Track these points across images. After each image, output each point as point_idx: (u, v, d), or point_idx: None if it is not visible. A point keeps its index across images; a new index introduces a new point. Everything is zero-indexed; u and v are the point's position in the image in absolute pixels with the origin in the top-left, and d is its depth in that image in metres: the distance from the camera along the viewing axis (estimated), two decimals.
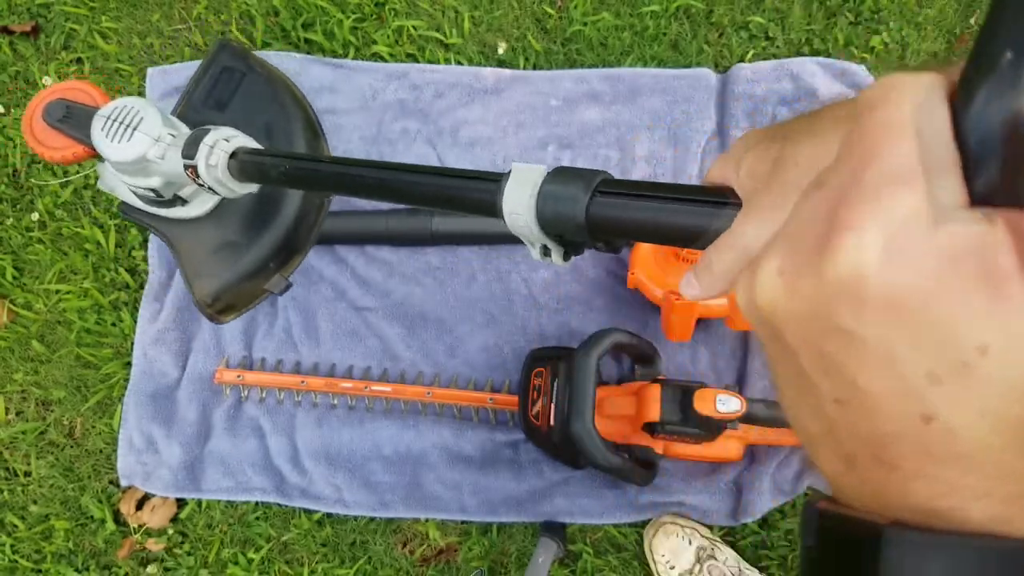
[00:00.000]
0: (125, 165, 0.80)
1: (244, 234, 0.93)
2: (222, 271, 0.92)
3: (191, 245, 0.92)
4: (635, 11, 1.41)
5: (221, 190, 0.75)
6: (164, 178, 0.84)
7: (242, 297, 0.94)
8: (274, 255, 0.94)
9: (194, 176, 0.74)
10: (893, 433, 0.21)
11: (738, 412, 1.00)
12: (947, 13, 1.40)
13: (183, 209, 0.91)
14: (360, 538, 1.22)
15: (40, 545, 1.23)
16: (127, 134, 0.79)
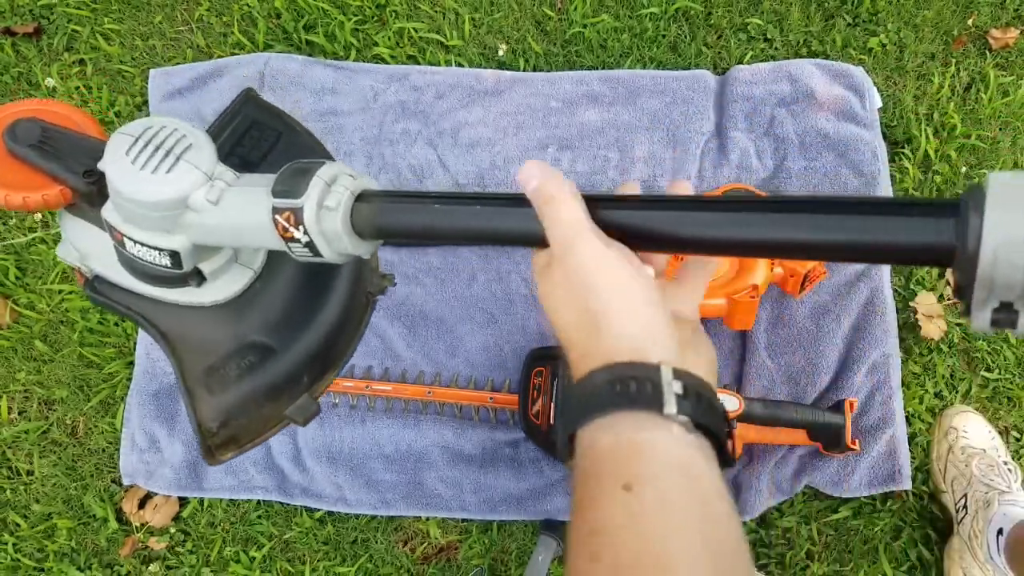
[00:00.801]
0: (152, 209, 0.55)
1: (274, 333, 0.65)
2: (239, 384, 0.63)
3: (197, 343, 0.63)
4: (634, 13, 1.41)
5: (326, 251, 0.51)
6: (196, 238, 0.57)
7: (255, 424, 0.65)
8: (309, 365, 0.67)
9: (286, 229, 0.50)
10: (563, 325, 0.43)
11: (736, 411, 1.01)
12: (945, 14, 1.41)
13: (196, 291, 0.62)
14: (361, 536, 1.23)
15: (43, 544, 1.24)
16: (167, 163, 0.54)
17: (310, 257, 0.52)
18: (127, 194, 0.54)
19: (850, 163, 1.29)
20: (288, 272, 0.66)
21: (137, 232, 0.57)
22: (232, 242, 0.59)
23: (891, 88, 1.38)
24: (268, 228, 0.52)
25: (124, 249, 0.59)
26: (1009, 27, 1.40)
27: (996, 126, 1.35)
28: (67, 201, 0.61)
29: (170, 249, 0.57)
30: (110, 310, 0.65)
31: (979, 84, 1.37)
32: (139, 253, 0.58)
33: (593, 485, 0.36)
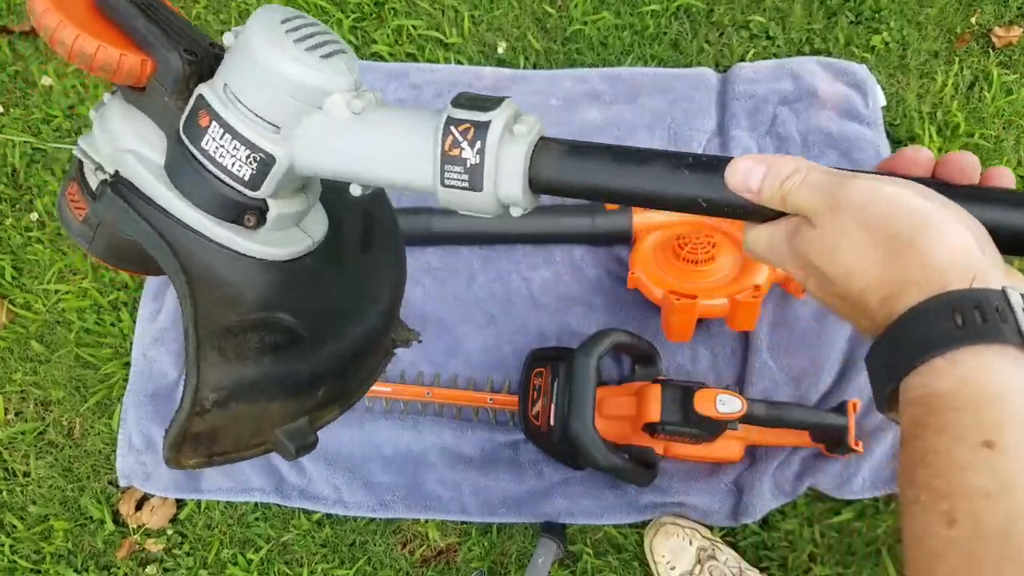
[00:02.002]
0: (288, 90, 0.46)
1: (308, 322, 0.54)
2: (257, 360, 0.52)
3: (222, 294, 0.51)
4: (635, 10, 1.40)
5: (488, 185, 0.45)
6: (306, 154, 0.48)
7: (245, 425, 0.53)
8: (328, 378, 0.56)
9: (457, 144, 0.44)
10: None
11: (739, 413, 1.00)
12: (948, 12, 1.40)
13: (245, 234, 0.51)
14: (360, 539, 1.22)
15: (39, 545, 1.23)
16: (324, 50, 0.47)
17: (458, 189, 0.45)
18: (272, 61, 0.45)
19: (853, 162, 1.28)
20: (338, 266, 0.58)
21: (237, 119, 0.46)
22: (350, 167, 0.48)
23: (894, 86, 1.37)
24: (423, 146, 0.45)
25: (198, 145, 0.47)
26: (1013, 25, 1.39)
27: (1000, 125, 1.34)
28: (144, 78, 0.49)
29: (267, 154, 0.47)
30: (125, 223, 0.50)
31: (982, 82, 1.36)
32: (219, 150, 0.47)
33: (938, 440, 0.31)
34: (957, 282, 0.32)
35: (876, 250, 0.35)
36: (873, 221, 0.35)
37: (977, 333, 0.31)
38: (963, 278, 0.32)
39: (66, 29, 0.45)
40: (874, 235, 0.35)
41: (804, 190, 0.38)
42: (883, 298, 0.35)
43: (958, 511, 0.30)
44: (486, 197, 0.45)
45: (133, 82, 0.49)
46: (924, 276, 0.33)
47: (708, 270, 1.12)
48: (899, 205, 0.35)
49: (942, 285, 0.33)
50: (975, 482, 0.30)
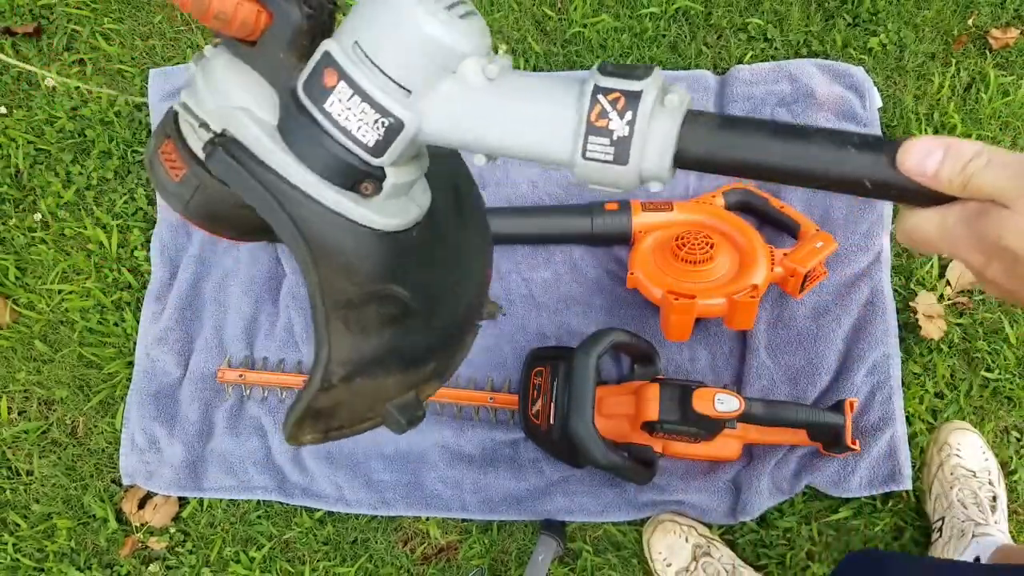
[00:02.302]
0: (424, 48, 0.43)
1: (419, 295, 0.53)
2: (379, 333, 0.51)
3: (341, 266, 0.49)
4: (634, 13, 1.41)
5: (635, 158, 0.42)
6: (435, 121, 0.46)
7: (362, 401, 0.53)
8: (437, 351, 0.57)
9: (604, 115, 0.42)
10: None
11: (737, 411, 1.01)
12: (945, 14, 1.41)
13: (360, 202, 0.48)
14: (361, 536, 1.22)
15: (43, 544, 1.24)
16: (462, 9, 0.44)
17: (601, 163, 0.42)
18: (410, 15, 0.42)
19: None
20: (440, 239, 0.56)
21: (367, 80, 0.43)
22: (481, 135, 0.45)
23: (891, 88, 1.38)
24: (564, 115, 0.42)
25: (320, 106, 0.45)
26: (1009, 27, 1.40)
27: (996, 126, 1.35)
28: (258, 30, 0.46)
29: (396, 118, 0.44)
30: (239, 186, 0.46)
31: (979, 84, 1.37)
32: (344, 113, 0.44)
33: None
34: None
35: None
36: None
37: None
38: None
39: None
40: None
41: (991, 172, 0.36)
42: None
43: None
44: (629, 171, 0.42)
45: (246, 34, 0.46)
46: None
47: (706, 270, 1.13)
48: None
49: None
50: None
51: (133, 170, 1.38)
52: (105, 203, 1.37)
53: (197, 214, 0.51)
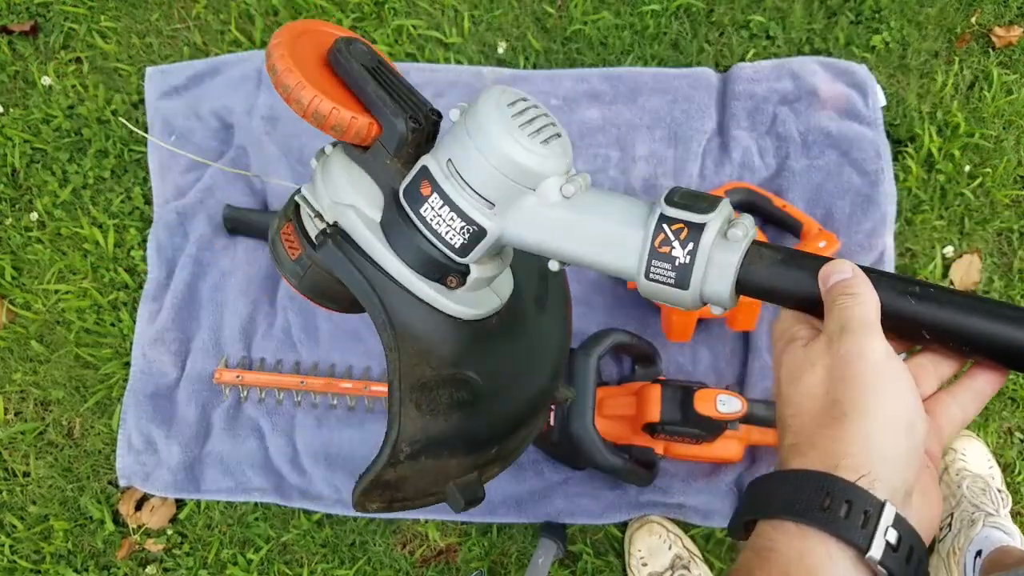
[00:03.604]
0: (507, 171, 0.48)
1: (491, 380, 0.57)
2: (447, 416, 0.55)
3: (420, 350, 0.53)
4: (635, 10, 1.40)
5: (695, 284, 0.45)
6: (517, 230, 0.50)
7: (426, 477, 0.57)
8: (502, 435, 0.60)
9: (668, 242, 0.45)
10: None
11: (739, 413, 1.00)
12: (948, 12, 1.39)
13: (444, 293, 0.53)
14: (360, 538, 1.22)
15: (39, 545, 1.23)
16: (544, 134, 0.49)
17: (662, 285, 0.46)
18: (498, 144, 0.47)
19: (853, 162, 1.28)
20: (518, 325, 0.60)
21: (456, 193, 0.49)
22: (556, 246, 0.50)
23: (894, 86, 1.36)
24: (632, 237, 0.46)
25: (416, 211, 0.50)
26: (1013, 25, 1.39)
27: (1000, 125, 1.34)
28: (369, 139, 0.52)
29: (480, 227, 0.49)
30: (342, 273, 0.53)
31: (983, 82, 1.36)
32: (436, 219, 0.50)
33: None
34: (847, 470, 0.35)
35: (820, 404, 0.38)
36: (838, 382, 0.38)
37: (834, 523, 0.34)
38: (854, 471, 0.35)
39: (304, 90, 0.49)
40: (828, 390, 0.38)
41: (844, 317, 0.39)
42: (792, 445, 0.38)
43: None
44: (689, 295, 0.46)
45: (359, 141, 0.52)
46: (828, 448, 0.36)
47: None
48: (864, 379, 0.37)
49: (834, 465, 0.35)
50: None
51: (130, 169, 1.38)
52: (102, 202, 1.36)
53: (307, 288, 0.58)
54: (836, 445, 0.36)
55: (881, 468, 0.35)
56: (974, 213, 1.30)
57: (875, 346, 0.38)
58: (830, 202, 1.26)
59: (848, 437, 0.36)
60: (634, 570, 1.13)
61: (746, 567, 0.36)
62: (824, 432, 0.37)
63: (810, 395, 0.38)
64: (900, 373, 0.38)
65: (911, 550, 0.34)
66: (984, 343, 0.40)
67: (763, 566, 0.35)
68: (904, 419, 0.37)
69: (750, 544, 0.36)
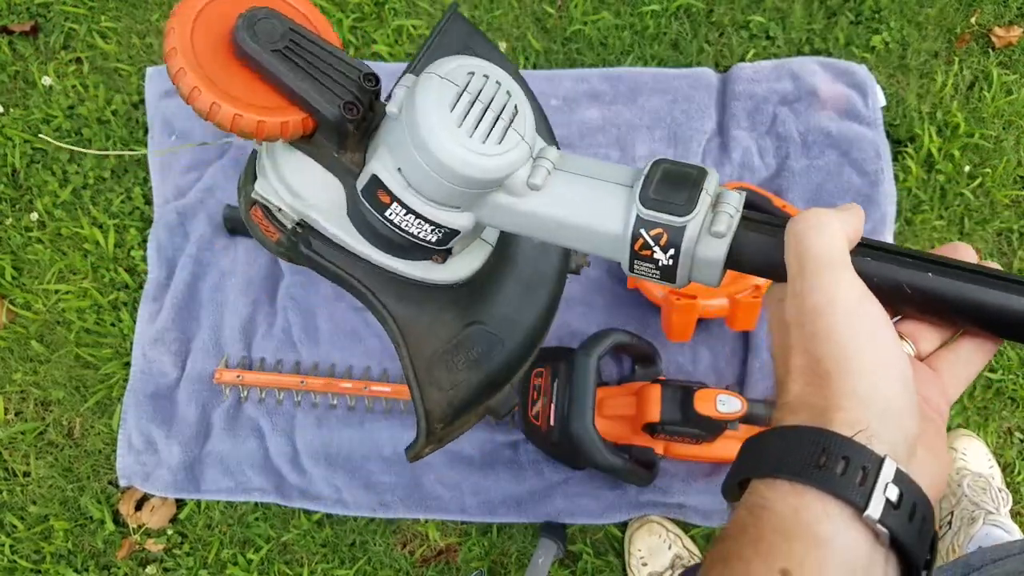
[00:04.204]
0: (466, 185, 0.44)
1: (503, 321, 0.57)
2: (468, 378, 0.55)
3: (425, 327, 0.52)
4: (635, 10, 1.40)
5: (682, 278, 0.42)
6: (492, 221, 0.47)
7: (463, 426, 0.59)
8: (527, 356, 0.61)
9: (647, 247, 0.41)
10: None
11: (739, 413, 1.00)
12: (948, 12, 1.40)
13: (433, 267, 0.51)
14: (360, 538, 1.22)
15: (39, 545, 1.23)
16: (498, 130, 0.43)
17: (648, 277, 0.43)
18: (446, 162, 0.42)
19: (853, 162, 1.28)
20: (516, 250, 0.58)
21: (418, 202, 0.45)
22: (540, 235, 0.46)
23: (894, 86, 1.37)
24: (615, 237, 0.42)
25: (378, 212, 0.47)
26: (1012, 25, 1.39)
27: (999, 125, 1.34)
28: (305, 133, 0.46)
29: (451, 228, 0.46)
30: (322, 273, 0.51)
31: (982, 83, 1.36)
32: (403, 223, 0.46)
33: (749, 549, 0.33)
34: (841, 426, 0.33)
35: (801, 361, 0.36)
36: (811, 338, 0.35)
37: (829, 481, 0.32)
38: (849, 426, 0.33)
39: (200, 96, 0.42)
40: (805, 347, 0.35)
41: (800, 254, 0.36)
42: (784, 403, 0.36)
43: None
44: (678, 286, 0.43)
45: (296, 137, 0.47)
46: (820, 406, 0.34)
47: None
48: (839, 333, 0.35)
49: (827, 421, 0.33)
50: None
51: (130, 169, 1.38)
52: (102, 202, 1.36)
53: (303, 263, 0.54)
54: (828, 402, 0.34)
55: (878, 423, 0.33)
56: (974, 213, 1.30)
57: (843, 289, 0.35)
58: (830, 202, 1.26)
59: (839, 393, 0.34)
60: (634, 570, 1.13)
61: (739, 525, 0.34)
62: (814, 390, 0.35)
63: (790, 352, 0.36)
64: (874, 317, 0.35)
65: (914, 507, 0.32)
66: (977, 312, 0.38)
67: (756, 524, 0.33)
68: (894, 368, 0.35)
69: (743, 502, 0.35)
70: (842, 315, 0.35)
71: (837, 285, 0.35)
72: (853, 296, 0.35)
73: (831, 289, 0.35)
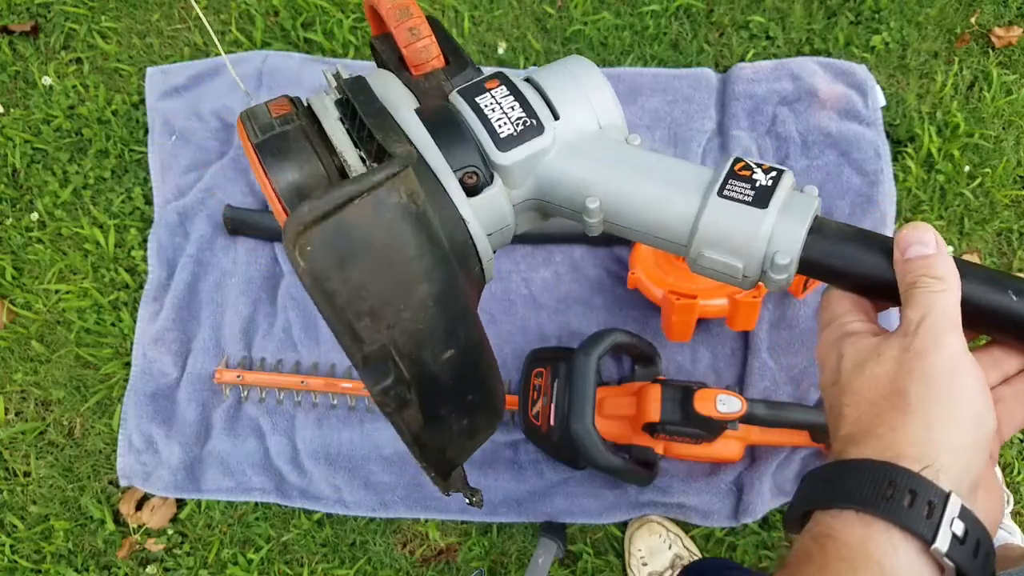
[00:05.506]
0: (594, 95, 0.46)
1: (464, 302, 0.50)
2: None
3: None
4: (635, 11, 1.40)
5: (754, 229, 0.40)
6: (556, 155, 0.46)
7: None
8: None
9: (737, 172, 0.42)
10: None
11: (739, 412, 1.00)
12: (948, 12, 1.40)
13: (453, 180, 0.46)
14: (360, 538, 1.22)
15: (40, 545, 1.23)
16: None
17: (738, 199, 0.41)
18: (587, 66, 0.47)
19: (852, 162, 1.28)
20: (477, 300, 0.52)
21: (529, 93, 0.47)
22: (608, 179, 0.45)
23: (894, 86, 1.37)
24: (701, 173, 0.43)
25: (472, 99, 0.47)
26: (1012, 25, 1.39)
27: (999, 125, 1.34)
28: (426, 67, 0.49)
29: (539, 122, 0.46)
30: (363, 105, 0.46)
31: (982, 83, 1.36)
32: (491, 105, 0.46)
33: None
34: (910, 460, 0.34)
35: (881, 394, 0.36)
36: (905, 373, 0.36)
37: (897, 512, 0.33)
38: (918, 460, 0.34)
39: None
40: (894, 381, 0.36)
41: (926, 310, 0.37)
42: (848, 435, 0.37)
43: None
44: (765, 219, 0.40)
45: (418, 61, 0.48)
46: (890, 437, 0.35)
47: None
48: (935, 375, 0.35)
49: (896, 455, 0.34)
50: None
51: (130, 169, 1.38)
52: (102, 202, 1.36)
53: (268, 151, 0.46)
54: (896, 434, 0.35)
55: (946, 459, 0.34)
56: (973, 213, 1.30)
57: (953, 341, 0.36)
58: (830, 202, 1.26)
59: (910, 427, 0.35)
60: (634, 570, 1.13)
61: (803, 554, 0.35)
62: (884, 421, 0.35)
63: (873, 385, 0.37)
64: (973, 368, 0.36)
65: (978, 544, 0.33)
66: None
67: (822, 553, 0.34)
68: (972, 410, 0.35)
69: (807, 531, 0.35)
70: (944, 360, 0.36)
71: (949, 338, 0.36)
72: (959, 347, 0.36)
73: (942, 338, 0.36)
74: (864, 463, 0.35)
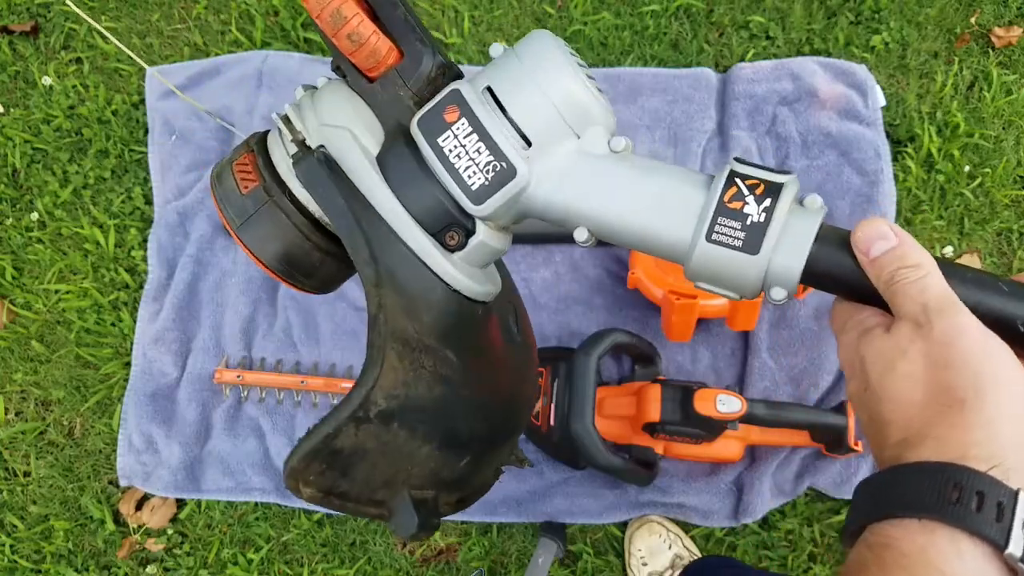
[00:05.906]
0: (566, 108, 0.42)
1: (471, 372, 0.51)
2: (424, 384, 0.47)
3: (406, 304, 0.47)
4: (635, 11, 1.40)
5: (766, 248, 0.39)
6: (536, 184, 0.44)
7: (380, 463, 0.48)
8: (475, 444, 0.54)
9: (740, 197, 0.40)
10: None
11: (739, 412, 1.00)
12: (948, 12, 1.40)
13: (438, 252, 0.45)
14: (360, 538, 1.22)
15: (40, 545, 1.23)
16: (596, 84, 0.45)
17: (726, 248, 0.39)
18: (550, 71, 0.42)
19: (852, 162, 1.28)
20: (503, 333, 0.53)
21: (492, 123, 0.42)
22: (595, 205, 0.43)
23: (894, 86, 1.37)
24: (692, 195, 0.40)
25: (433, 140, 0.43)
26: (1012, 25, 1.39)
27: (999, 125, 1.34)
28: (382, 66, 0.45)
29: (510, 165, 0.42)
30: (322, 196, 0.44)
31: (982, 83, 1.36)
32: (457, 150, 0.43)
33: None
34: (976, 461, 0.32)
35: (925, 392, 0.35)
36: (941, 368, 0.34)
37: (964, 518, 0.31)
38: (984, 460, 0.32)
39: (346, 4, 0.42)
40: (934, 377, 0.34)
41: (919, 296, 0.36)
42: (901, 440, 0.35)
43: None
44: (754, 266, 0.39)
45: (368, 66, 0.45)
46: (950, 437, 0.33)
47: None
48: (974, 360, 0.34)
49: (960, 455, 0.32)
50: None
51: (130, 169, 1.38)
52: (102, 202, 1.36)
53: (249, 235, 0.47)
54: (957, 434, 0.33)
55: (1014, 456, 0.32)
56: (974, 213, 1.30)
57: (968, 320, 0.35)
58: (830, 202, 1.26)
59: (971, 425, 0.32)
60: (634, 570, 1.13)
61: (859, 563, 0.33)
62: (940, 421, 0.33)
63: (911, 385, 0.35)
64: (1003, 349, 0.35)
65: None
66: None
67: (879, 563, 0.32)
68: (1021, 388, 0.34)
69: (863, 540, 0.34)
70: (974, 345, 0.34)
71: (964, 320, 0.35)
72: (978, 328, 0.35)
73: (959, 322, 0.35)
74: (924, 466, 0.33)
